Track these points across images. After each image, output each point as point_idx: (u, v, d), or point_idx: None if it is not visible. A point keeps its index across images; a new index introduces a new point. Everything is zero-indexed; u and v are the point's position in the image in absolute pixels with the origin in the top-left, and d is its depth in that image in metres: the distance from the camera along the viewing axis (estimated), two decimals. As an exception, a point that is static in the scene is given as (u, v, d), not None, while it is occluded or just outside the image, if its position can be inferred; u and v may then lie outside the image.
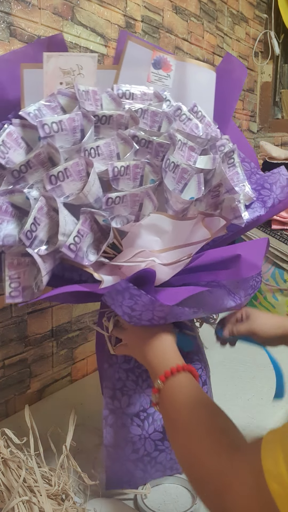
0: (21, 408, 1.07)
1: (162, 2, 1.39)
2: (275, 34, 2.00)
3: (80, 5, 1.12)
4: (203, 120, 0.81)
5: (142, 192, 0.68)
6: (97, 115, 0.72)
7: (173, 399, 0.61)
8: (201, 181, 0.71)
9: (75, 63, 0.74)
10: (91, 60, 0.75)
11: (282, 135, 2.05)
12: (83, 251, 0.65)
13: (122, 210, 0.69)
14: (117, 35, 1.23)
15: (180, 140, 0.72)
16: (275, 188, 0.84)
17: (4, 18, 0.95)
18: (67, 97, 0.73)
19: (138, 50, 0.81)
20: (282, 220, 1.63)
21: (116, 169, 0.67)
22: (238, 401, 1.10)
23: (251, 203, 0.82)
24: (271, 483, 0.44)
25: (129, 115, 0.74)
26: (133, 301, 0.62)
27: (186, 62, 0.84)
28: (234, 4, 1.79)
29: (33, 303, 1.07)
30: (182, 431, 0.58)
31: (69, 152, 0.68)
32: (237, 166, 0.76)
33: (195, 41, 1.58)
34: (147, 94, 0.79)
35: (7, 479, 0.64)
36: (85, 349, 1.24)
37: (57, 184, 0.65)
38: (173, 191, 0.70)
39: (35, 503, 0.62)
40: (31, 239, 0.62)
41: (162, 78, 0.83)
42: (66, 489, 0.68)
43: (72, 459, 0.74)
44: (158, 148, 0.71)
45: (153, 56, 0.81)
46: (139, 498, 0.77)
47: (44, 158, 0.67)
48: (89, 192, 0.65)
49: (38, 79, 0.72)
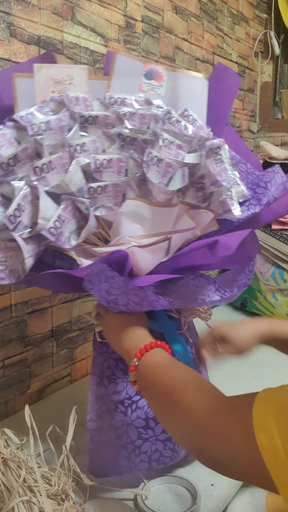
0: (21, 408, 1.07)
1: (162, 2, 1.39)
2: (275, 34, 2.00)
3: (80, 5, 1.12)
4: (194, 124, 0.84)
5: (124, 183, 0.72)
6: (83, 115, 0.77)
7: (150, 371, 0.63)
8: (185, 174, 0.74)
9: (66, 74, 0.79)
10: (82, 71, 0.80)
11: (282, 135, 2.05)
12: (65, 236, 0.71)
13: (106, 201, 0.73)
14: (117, 35, 1.23)
15: (167, 139, 0.75)
16: (270, 186, 0.85)
17: (4, 18, 0.95)
18: (57, 103, 0.78)
19: (128, 62, 0.85)
20: (282, 220, 1.63)
21: (98, 161, 0.72)
22: (238, 401, 1.09)
23: (245, 200, 0.84)
24: (259, 435, 0.44)
25: (115, 116, 0.78)
26: (108, 284, 0.66)
27: (178, 72, 0.87)
28: (234, 4, 1.79)
29: (33, 303, 1.07)
30: (164, 393, 0.59)
31: (54, 147, 0.74)
32: (225, 162, 0.78)
33: (195, 41, 1.58)
34: (138, 101, 0.84)
35: (7, 479, 0.64)
36: (85, 349, 1.24)
37: (42, 176, 0.70)
38: (159, 184, 0.73)
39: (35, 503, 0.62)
40: (15, 224, 0.68)
41: (154, 87, 0.86)
42: (66, 489, 0.68)
43: (72, 459, 0.73)
44: (142, 144, 0.75)
45: (144, 68, 0.85)
46: (139, 498, 0.77)
47: (31, 153, 0.73)
48: (70, 181, 0.70)
49: (30, 87, 0.78)
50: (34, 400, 1.11)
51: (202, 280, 0.79)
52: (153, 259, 0.71)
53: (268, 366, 1.28)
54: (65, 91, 0.78)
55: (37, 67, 0.78)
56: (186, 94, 0.87)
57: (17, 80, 0.78)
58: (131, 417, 0.79)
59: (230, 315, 1.74)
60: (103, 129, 0.77)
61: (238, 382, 1.19)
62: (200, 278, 0.79)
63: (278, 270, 1.61)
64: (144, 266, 0.72)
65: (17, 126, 0.76)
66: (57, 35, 1.07)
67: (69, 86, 0.80)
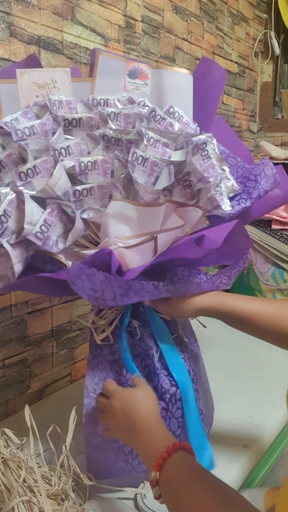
0: (21, 408, 1.07)
1: (162, 2, 1.39)
2: (275, 34, 1.99)
3: (80, 5, 1.12)
4: (180, 120, 0.84)
5: (109, 184, 0.72)
6: (67, 118, 0.77)
7: (171, 489, 0.56)
8: (171, 172, 0.74)
9: (49, 77, 0.80)
10: (64, 74, 0.81)
11: (282, 135, 2.05)
12: (52, 240, 0.71)
13: (92, 203, 0.73)
14: (117, 35, 1.23)
15: (153, 137, 0.75)
16: (260, 179, 0.85)
17: (4, 18, 0.95)
18: (40, 107, 0.79)
19: (110, 62, 0.85)
20: (282, 220, 1.63)
21: (82, 164, 0.72)
22: (238, 401, 1.10)
23: (236, 195, 0.84)
24: None
25: (98, 117, 0.79)
26: (90, 281, 0.65)
27: (162, 69, 0.88)
28: (234, 4, 1.79)
29: (33, 303, 1.07)
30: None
31: (39, 152, 0.74)
32: (212, 158, 0.77)
33: (195, 41, 1.58)
34: (121, 100, 0.84)
35: (7, 479, 0.64)
36: (85, 349, 1.24)
37: (27, 181, 0.71)
38: (146, 184, 0.73)
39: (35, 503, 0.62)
40: (1, 230, 0.69)
41: (139, 86, 0.87)
42: (66, 489, 0.69)
43: (72, 459, 0.74)
44: (127, 144, 0.75)
45: (127, 67, 0.86)
46: (139, 498, 0.77)
47: (16, 159, 0.73)
48: (55, 185, 0.70)
49: (15, 93, 0.79)
50: (34, 400, 1.11)
51: (192, 270, 0.80)
52: (141, 259, 0.71)
53: (268, 366, 1.28)
54: (47, 95, 0.78)
55: (20, 72, 0.78)
56: (172, 90, 0.87)
57: (1, 86, 0.79)
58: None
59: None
60: (87, 131, 0.77)
61: (238, 382, 1.19)
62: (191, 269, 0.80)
63: (278, 270, 1.61)
64: (133, 266, 0.72)
65: (2, 132, 0.77)
66: (57, 35, 1.07)
67: (52, 90, 0.80)
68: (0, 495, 0.64)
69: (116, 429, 0.70)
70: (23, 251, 0.71)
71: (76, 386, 1.20)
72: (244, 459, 0.88)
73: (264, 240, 1.63)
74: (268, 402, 1.09)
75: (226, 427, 0.99)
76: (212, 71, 0.92)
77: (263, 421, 1.01)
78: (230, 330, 0.80)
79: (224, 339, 1.41)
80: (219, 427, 0.98)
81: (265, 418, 1.02)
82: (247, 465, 0.88)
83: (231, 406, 1.07)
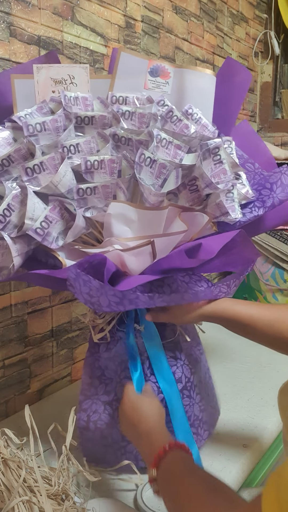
0: (21, 408, 1.07)
1: (162, 2, 1.39)
2: (275, 34, 1.99)
3: (80, 5, 1.12)
4: (199, 122, 0.82)
5: (113, 184, 0.72)
6: (79, 116, 0.77)
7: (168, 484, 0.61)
8: (179, 175, 0.73)
9: (66, 73, 0.79)
10: (83, 70, 0.80)
11: (282, 135, 2.05)
12: (52, 236, 0.71)
13: (96, 202, 0.73)
14: (117, 35, 1.23)
15: (165, 139, 0.74)
16: (276, 187, 0.82)
17: (4, 18, 0.95)
18: (56, 103, 0.78)
19: (132, 60, 0.83)
20: (282, 220, 1.62)
21: (89, 162, 0.72)
22: (238, 401, 1.09)
23: (249, 202, 0.81)
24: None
25: (111, 116, 0.78)
26: (87, 287, 0.66)
27: (184, 68, 0.85)
28: (234, 4, 1.79)
29: (33, 303, 1.07)
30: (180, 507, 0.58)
31: (48, 148, 0.74)
32: (225, 163, 0.75)
33: (195, 41, 1.58)
34: (141, 99, 0.83)
35: (7, 479, 0.64)
36: (85, 349, 1.23)
37: (33, 176, 0.71)
38: (153, 186, 0.72)
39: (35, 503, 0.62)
40: (4, 223, 0.69)
41: (160, 85, 0.84)
42: (66, 489, 0.68)
43: (72, 458, 0.74)
44: (137, 145, 0.74)
45: (149, 65, 0.84)
46: (139, 498, 0.77)
47: (25, 154, 0.73)
48: (59, 182, 0.70)
49: (30, 88, 0.78)
50: (34, 400, 1.11)
51: (193, 277, 0.79)
52: (140, 261, 0.71)
53: (268, 366, 1.28)
54: (62, 92, 0.77)
55: (37, 67, 0.78)
56: (193, 91, 0.84)
57: (16, 81, 0.78)
58: (116, 420, 0.80)
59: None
60: (99, 129, 0.77)
61: (238, 382, 1.19)
62: (192, 275, 0.79)
63: (278, 270, 1.61)
64: (132, 268, 0.72)
65: (15, 126, 0.77)
66: (57, 35, 1.07)
67: (70, 86, 0.79)
68: (0, 495, 0.64)
69: (125, 429, 0.75)
70: (24, 245, 0.71)
71: (76, 386, 1.20)
72: (244, 459, 0.88)
73: (264, 240, 1.63)
74: (268, 402, 1.09)
75: (226, 427, 0.98)
76: (237, 73, 0.89)
77: (263, 421, 1.01)
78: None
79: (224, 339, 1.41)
80: (219, 427, 0.98)
81: (265, 418, 1.02)
82: (247, 465, 0.88)
83: (231, 406, 1.07)
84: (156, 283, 0.75)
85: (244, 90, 0.91)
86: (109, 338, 0.81)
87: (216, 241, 0.70)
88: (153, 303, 0.71)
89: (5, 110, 0.80)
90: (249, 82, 0.90)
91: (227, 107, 0.88)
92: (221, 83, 0.86)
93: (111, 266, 0.69)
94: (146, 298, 0.68)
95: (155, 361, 0.81)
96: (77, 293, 0.67)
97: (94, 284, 0.65)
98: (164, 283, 0.76)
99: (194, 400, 0.84)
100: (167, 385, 0.81)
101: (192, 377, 0.85)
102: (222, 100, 0.86)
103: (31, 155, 0.73)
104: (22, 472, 0.64)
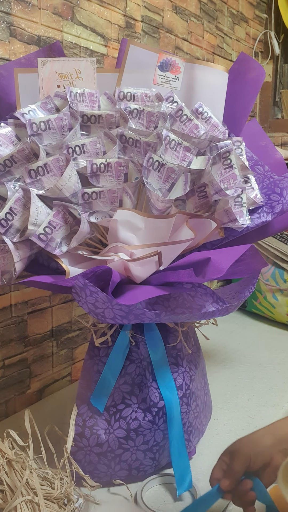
0: (21, 408, 1.07)
1: (162, 2, 1.39)
2: (275, 34, 1.99)
3: (80, 5, 1.11)
4: (209, 121, 0.79)
5: (119, 189, 0.69)
6: (86, 114, 0.74)
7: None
8: (187, 181, 0.71)
9: (72, 68, 0.76)
10: (90, 64, 0.76)
11: (282, 135, 2.05)
12: (56, 242, 0.69)
13: (102, 206, 0.71)
14: (117, 35, 1.23)
15: (174, 140, 0.72)
16: (286, 193, 0.80)
17: (4, 18, 0.95)
18: (62, 99, 0.75)
19: (142, 53, 0.79)
20: (282, 220, 1.62)
21: (95, 165, 0.69)
22: (238, 401, 1.10)
23: (257, 207, 0.79)
24: None
25: (119, 115, 0.75)
26: (93, 298, 0.64)
27: (195, 63, 0.81)
28: (234, 4, 1.79)
29: (33, 303, 1.07)
30: None
31: (53, 148, 0.71)
32: (235, 168, 0.73)
33: (195, 41, 1.58)
34: (149, 95, 0.79)
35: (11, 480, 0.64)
36: (85, 349, 1.24)
37: (37, 178, 0.68)
38: (160, 190, 0.70)
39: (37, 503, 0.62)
40: (6, 227, 0.67)
41: (170, 80, 0.81)
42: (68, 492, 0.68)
43: (73, 461, 0.73)
44: (146, 147, 0.72)
45: (159, 59, 0.80)
46: (139, 497, 0.77)
47: (29, 154, 0.71)
48: (64, 186, 0.67)
49: (34, 83, 0.75)
50: (34, 400, 1.11)
51: (199, 290, 0.76)
52: (145, 270, 0.69)
53: (268, 366, 1.28)
54: (67, 87, 0.74)
55: (41, 61, 0.74)
56: (204, 87, 0.81)
57: (19, 75, 0.75)
58: (113, 427, 0.78)
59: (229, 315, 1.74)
60: (106, 129, 0.74)
61: (238, 382, 1.19)
62: (198, 288, 0.76)
63: (278, 270, 1.61)
64: (137, 275, 0.70)
65: (17, 123, 0.74)
66: (57, 35, 1.07)
67: (76, 80, 0.76)
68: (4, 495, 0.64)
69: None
70: (26, 250, 0.69)
71: (76, 386, 1.20)
72: (244, 459, 0.88)
73: (264, 240, 1.63)
74: (268, 402, 1.09)
75: (226, 427, 0.99)
76: (250, 69, 0.84)
77: (263, 421, 1.01)
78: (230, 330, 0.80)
79: (224, 339, 1.41)
80: (219, 427, 0.98)
81: (265, 418, 1.02)
82: (247, 465, 0.88)
83: (231, 406, 1.07)
84: (163, 296, 0.73)
85: (257, 87, 0.87)
86: (110, 342, 0.80)
87: (226, 256, 0.67)
88: (159, 319, 0.69)
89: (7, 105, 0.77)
90: (263, 78, 0.85)
91: (238, 105, 0.84)
92: (233, 80, 0.83)
93: (116, 278, 0.67)
94: (152, 315, 0.67)
95: (158, 368, 0.80)
96: (82, 302, 0.66)
97: (101, 296, 0.63)
98: (170, 296, 0.74)
99: (190, 407, 0.84)
100: (169, 392, 0.80)
101: (191, 384, 0.84)
102: (234, 98, 0.83)
103: (35, 156, 0.71)
104: (26, 472, 0.64)
